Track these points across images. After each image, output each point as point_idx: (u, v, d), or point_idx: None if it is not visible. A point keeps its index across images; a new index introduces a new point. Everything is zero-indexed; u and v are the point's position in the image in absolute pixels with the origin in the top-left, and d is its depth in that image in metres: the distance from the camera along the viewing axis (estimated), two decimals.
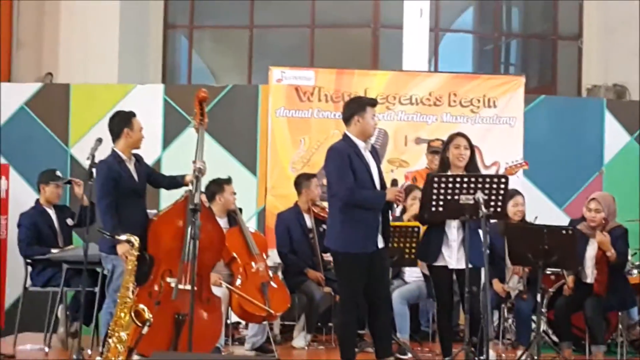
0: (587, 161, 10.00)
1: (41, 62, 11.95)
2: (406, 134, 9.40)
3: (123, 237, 5.57)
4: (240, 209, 7.54)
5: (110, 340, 5.71)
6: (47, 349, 6.79)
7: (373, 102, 6.15)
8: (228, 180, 7.36)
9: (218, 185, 7.29)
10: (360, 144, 5.99)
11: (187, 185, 6.35)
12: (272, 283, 7.08)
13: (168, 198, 7.06)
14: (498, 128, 9.45)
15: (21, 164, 10.08)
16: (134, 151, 6.44)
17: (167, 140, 9.92)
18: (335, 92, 9.42)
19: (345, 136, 6.06)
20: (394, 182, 6.97)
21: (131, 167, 6.35)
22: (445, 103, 9.45)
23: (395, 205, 6.15)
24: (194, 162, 6.17)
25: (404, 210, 7.62)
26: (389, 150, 9.43)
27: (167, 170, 8.37)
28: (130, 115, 6.44)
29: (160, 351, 5.52)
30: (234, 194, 7.38)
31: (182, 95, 9.98)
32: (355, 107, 6.04)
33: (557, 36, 12.92)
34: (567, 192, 9.85)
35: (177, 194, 6.58)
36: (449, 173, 6.15)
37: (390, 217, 6.28)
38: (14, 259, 9.79)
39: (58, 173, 7.62)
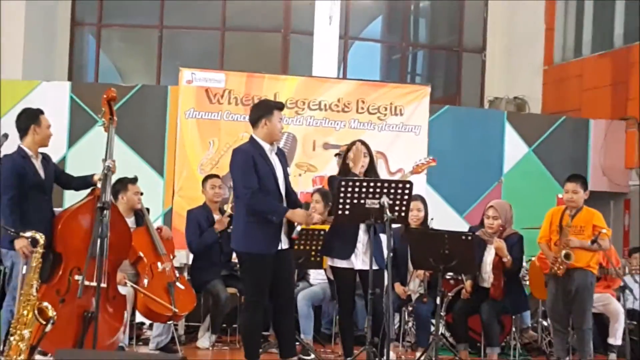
0: (488, 170, 10.34)
1: None
2: (314, 139, 9.55)
3: (28, 233, 5.53)
4: (148, 209, 7.53)
5: (12, 338, 5.65)
6: None
7: (280, 106, 6.22)
8: (133, 180, 7.33)
9: (122, 185, 7.27)
10: (266, 146, 6.05)
11: (95, 184, 6.33)
12: (178, 283, 7.09)
13: (72, 197, 7.00)
14: (404, 136, 9.69)
15: None
16: (42, 150, 6.40)
17: (72, 139, 9.83)
18: (245, 95, 9.50)
19: (251, 139, 6.10)
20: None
21: (37, 163, 6.31)
22: (354, 109, 9.64)
23: (297, 227, 6.21)
24: (104, 160, 6.16)
25: None
26: (298, 155, 9.56)
27: (72, 168, 8.31)
28: (38, 112, 6.40)
29: (64, 349, 5.48)
30: (140, 193, 7.35)
31: (89, 94, 9.91)
32: (263, 110, 6.10)
33: (462, 48, 13.28)
34: (468, 200, 10.16)
35: (81, 194, 6.56)
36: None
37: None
38: None
39: None
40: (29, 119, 6.33)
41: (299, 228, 6.15)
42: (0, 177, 6.11)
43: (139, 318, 7.76)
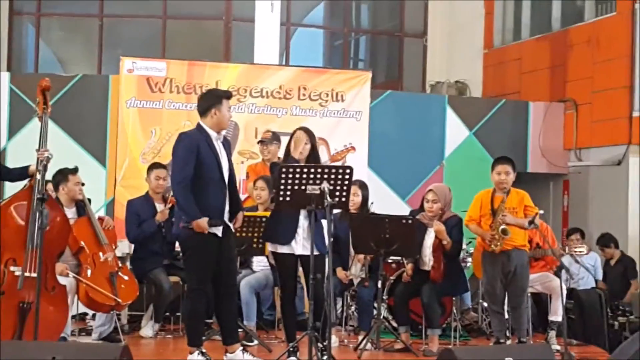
0: (429, 155, 10.47)
1: None
2: (257, 126, 9.57)
3: None
4: (90, 200, 7.50)
5: None
6: None
7: (228, 95, 6.27)
8: (73, 170, 7.29)
9: (62, 175, 7.22)
10: (212, 134, 6.10)
11: (32, 175, 6.29)
12: (120, 273, 7.08)
13: (12, 189, 6.95)
14: (345, 121, 9.76)
15: None
16: None
17: (12, 130, 9.72)
18: (187, 83, 9.49)
19: (198, 125, 6.14)
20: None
21: None
22: (295, 96, 9.68)
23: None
24: (38, 150, 6.15)
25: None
26: (240, 142, 9.57)
27: (12, 160, 8.24)
28: None
29: (8, 341, 5.47)
30: (82, 184, 7.32)
31: (29, 84, 9.75)
32: (212, 99, 6.14)
33: (403, 33, 13.38)
34: (409, 185, 10.28)
35: (19, 185, 6.52)
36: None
37: None
38: None
39: None
40: None
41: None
42: None
43: (81, 309, 7.75)
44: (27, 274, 5.95)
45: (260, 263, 7.80)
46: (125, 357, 4.88)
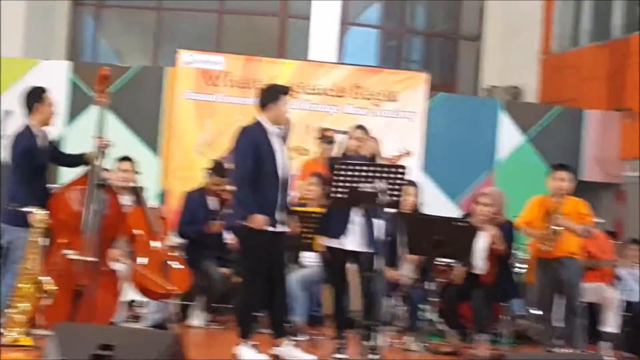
0: (480, 158, 10.40)
1: None
2: (309, 124, 9.58)
3: (32, 209, 5.67)
4: (142, 189, 7.57)
5: (10, 312, 5.74)
6: None
7: (287, 91, 6.30)
8: (124, 158, 7.39)
9: (115, 162, 7.32)
10: (271, 129, 6.15)
11: (87, 162, 6.39)
12: (172, 262, 7.15)
13: (67, 174, 7.06)
14: (398, 122, 9.74)
15: None
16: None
17: (71, 117, 9.86)
18: (243, 78, 9.54)
19: (258, 121, 6.19)
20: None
21: (42, 142, 6.39)
22: (349, 95, 9.68)
23: None
24: (96, 137, 6.26)
25: None
26: (291, 138, 9.56)
27: (69, 146, 8.35)
28: (40, 90, 6.46)
29: (63, 322, 5.54)
30: (136, 173, 7.40)
31: (88, 73, 9.93)
32: (272, 94, 6.20)
33: (458, 35, 13.31)
34: (460, 187, 10.22)
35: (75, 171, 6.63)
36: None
37: None
38: None
39: None
40: (32, 98, 6.40)
41: None
42: (13, 154, 6.21)
43: (132, 296, 7.82)
44: (79, 258, 6.07)
45: (310, 259, 7.81)
46: (177, 344, 4.92)
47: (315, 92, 9.67)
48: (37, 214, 5.89)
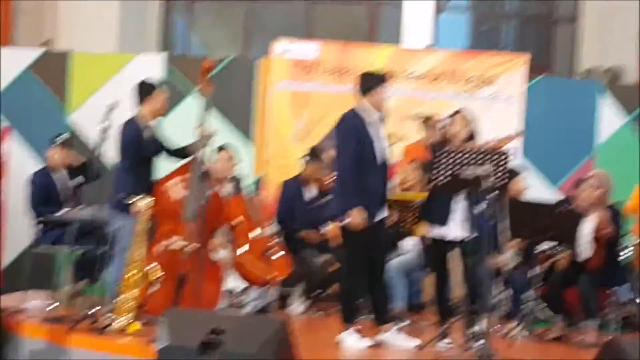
0: (580, 142, 10.14)
1: (42, 27, 11.98)
2: (404, 110, 9.49)
3: (138, 198, 5.81)
4: (241, 178, 7.65)
5: (120, 298, 5.87)
6: (54, 305, 6.89)
7: (385, 79, 6.27)
8: (222, 147, 7.47)
9: (215, 152, 7.40)
10: (370, 117, 6.14)
11: (192, 152, 6.50)
12: (273, 249, 7.20)
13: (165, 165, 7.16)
14: (496, 106, 9.57)
15: (23, 127, 10.17)
16: None
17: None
18: (338, 66, 9.50)
19: (357, 107, 6.19)
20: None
21: (148, 135, 6.51)
22: (445, 80, 9.55)
23: None
24: (198, 127, 6.36)
25: None
26: (387, 125, 9.51)
27: (166, 139, 8.46)
28: (152, 85, 6.60)
29: (172, 309, 5.65)
30: (233, 161, 7.47)
31: (182, 66, 10.09)
32: (372, 80, 6.20)
33: (554, 17, 13.02)
34: (560, 172, 10.00)
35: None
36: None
37: None
38: (13, 220, 9.89)
39: (63, 136, 7.69)
40: (143, 91, 6.54)
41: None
42: (120, 144, 6.36)
43: (232, 284, 7.90)
44: (184, 245, 6.20)
45: (409, 245, 7.77)
46: (283, 331, 4.96)
47: (411, 78, 9.57)
48: (143, 203, 6.01)
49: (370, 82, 6.18)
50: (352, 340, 6.10)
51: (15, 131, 9.96)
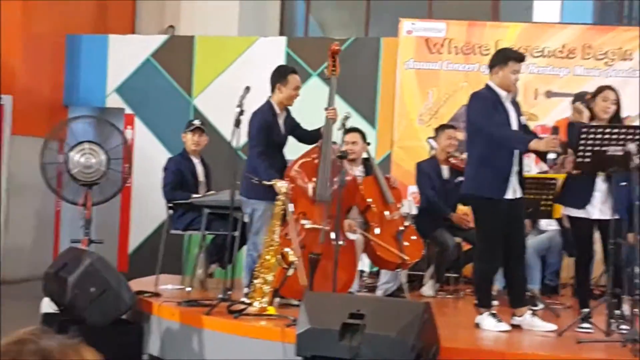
0: None
1: (163, 15, 12.14)
2: (537, 87, 9.21)
3: (273, 182, 5.80)
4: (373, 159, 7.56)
5: (256, 282, 5.86)
6: (189, 289, 6.96)
7: (518, 57, 6.02)
8: (350, 130, 7.37)
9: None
10: (501, 93, 5.94)
11: (322, 136, 6.49)
12: (406, 232, 7.09)
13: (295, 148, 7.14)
14: (633, 81, 9.17)
15: (146, 114, 10.35)
16: None
17: None
18: (466, 44, 9.28)
19: (487, 85, 6.01)
20: (555, 131, 6.82)
21: (281, 121, 6.50)
22: (579, 56, 9.20)
23: (549, 156, 6.00)
24: (327, 109, 6.33)
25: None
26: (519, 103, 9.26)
27: None
28: (287, 71, 6.57)
29: (312, 292, 5.61)
30: (363, 143, 7.38)
31: (303, 48, 10.08)
32: (499, 59, 5.99)
33: None
34: None
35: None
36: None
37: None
38: (138, 206, 10.10)
39: (196, 122, 7.74)
40: (276, 77, 6.51)
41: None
42: (252, 130, 6.36)
43: (364, 266, 7.83)
44: (314, 226, 6.24)
45: (548, 224, 7.52)
46: (427, 314, 4.84)
47: (542, 55, 9.26)
48: (280, 186, 5.97)
49: (497, 59, 5.96)
50: (490, 324, 5.92)
51: (138, 118, 10.13)
